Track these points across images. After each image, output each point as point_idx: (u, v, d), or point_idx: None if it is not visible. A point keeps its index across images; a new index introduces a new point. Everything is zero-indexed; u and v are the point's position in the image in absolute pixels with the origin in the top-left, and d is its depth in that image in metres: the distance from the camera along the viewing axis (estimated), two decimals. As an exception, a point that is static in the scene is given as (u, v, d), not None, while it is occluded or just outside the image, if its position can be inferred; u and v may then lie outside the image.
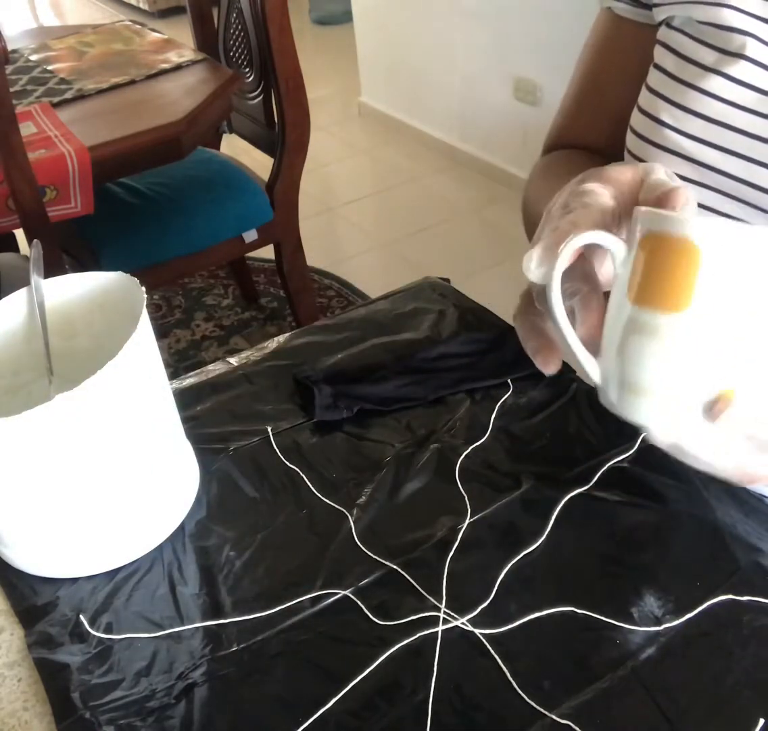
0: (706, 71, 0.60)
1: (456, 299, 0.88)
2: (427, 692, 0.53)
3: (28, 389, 0.67)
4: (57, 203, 1.44)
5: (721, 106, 0.59)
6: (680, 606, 0.56)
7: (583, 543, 0.62)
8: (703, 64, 0.60)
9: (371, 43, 3.19)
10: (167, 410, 0.65)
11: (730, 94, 0.59)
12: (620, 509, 0.64)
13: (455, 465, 0.69)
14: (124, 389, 0.57)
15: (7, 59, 1.23)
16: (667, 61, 0.63)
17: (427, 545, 0.63)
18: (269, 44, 1.62)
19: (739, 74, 0.58)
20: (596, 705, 0.52)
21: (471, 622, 0.57)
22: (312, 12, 4.37)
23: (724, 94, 0.59)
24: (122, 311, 0.64)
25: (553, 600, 0.57)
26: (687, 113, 0.61)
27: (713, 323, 0.38)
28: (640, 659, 0.54)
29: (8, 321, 0.65)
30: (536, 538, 0.62)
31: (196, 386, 0.80)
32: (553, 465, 0.68)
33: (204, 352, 2.18)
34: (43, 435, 0.55)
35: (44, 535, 0.62)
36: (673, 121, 0.62)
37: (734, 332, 0.38)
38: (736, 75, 0.58)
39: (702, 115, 0.60)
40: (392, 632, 0.57)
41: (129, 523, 0.63)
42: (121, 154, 1.48)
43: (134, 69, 1.74)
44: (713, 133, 0.59)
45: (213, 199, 1.76)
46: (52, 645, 0.58)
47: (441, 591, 0.59)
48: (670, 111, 0.62)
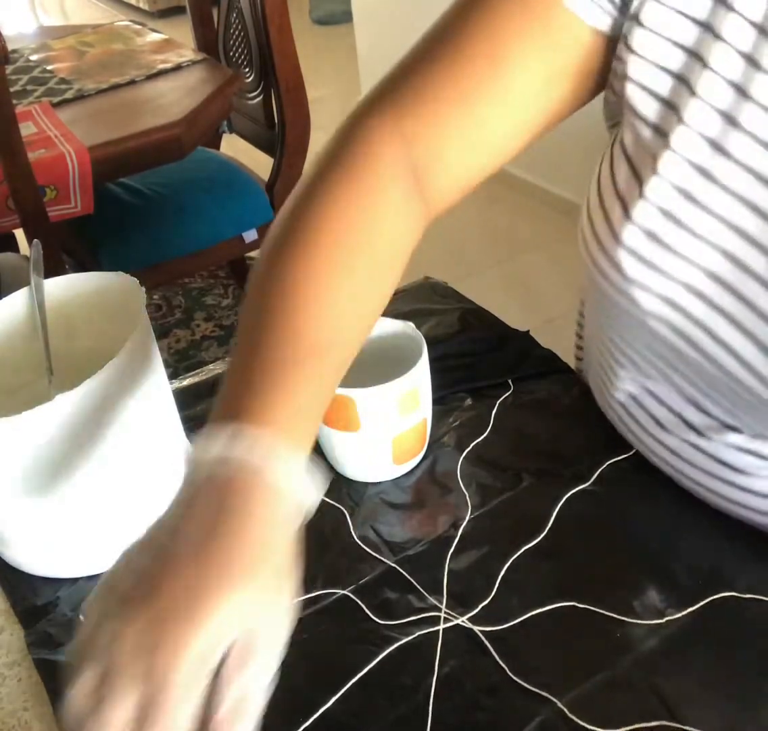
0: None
1: (456, 299, 0.88)
2: (427, 691, 0.53)
3: (28, 389, 0.67)
4: (57, 203, 1.44)
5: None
6: (683, 600, 0.56)
7: (583, 540, 0.62)
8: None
9: (371, 43, 3.18)
10: (167, 410, 0.65)
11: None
12: (620, 506, 0.64)
13: (456, 463, 0.69)
14: (124, 389, 0.57)
15: (7, 59, 1.23)
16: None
17: (427, 542, 0.63)
18: (269, 44, 1.62)
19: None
20: (598, 697, 0.52)
21: (472, 620, 0.57)
22: (312, 12, 4.38)
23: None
24: (122, 311, 0.63)
25: (555, 596, 0.57)
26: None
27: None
28: (641, 651, 0.54)
29: (8, 321, 0.65)
30: (537, 535, 0.62)
31: (196, 386, 0.80)
32: (553, 463, 0.68)
33: (204, 352, 2.18)
34: (43, 435, 0.55)
35: (44, 535, 0.62)
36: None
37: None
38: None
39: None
40: (393, 631, 0.57)
41: (129, 523, 0.63)
42: (121, 154, 1.48)
43: (134, 69, 1.74)
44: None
45: (213, 199, 1.76)
46: (52, 645, 0.58)
47: (441, 589, 0.59)
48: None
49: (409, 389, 0.63)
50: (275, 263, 0.49)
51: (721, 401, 0.56)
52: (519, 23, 0.51)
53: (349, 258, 0.50)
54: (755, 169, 0.47)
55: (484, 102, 0.53)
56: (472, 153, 0.55)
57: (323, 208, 0.50)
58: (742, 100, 0.47)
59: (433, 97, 0.53)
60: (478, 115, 0.53)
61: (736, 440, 0.56)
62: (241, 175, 1.83)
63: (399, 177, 0.53)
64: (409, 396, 0.64)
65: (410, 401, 0.64)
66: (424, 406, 0.67)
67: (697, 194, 0.49)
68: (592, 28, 0.51)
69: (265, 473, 0.41)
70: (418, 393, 0.65)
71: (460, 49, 0.53)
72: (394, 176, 0.53)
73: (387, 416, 0.64)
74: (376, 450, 0.66)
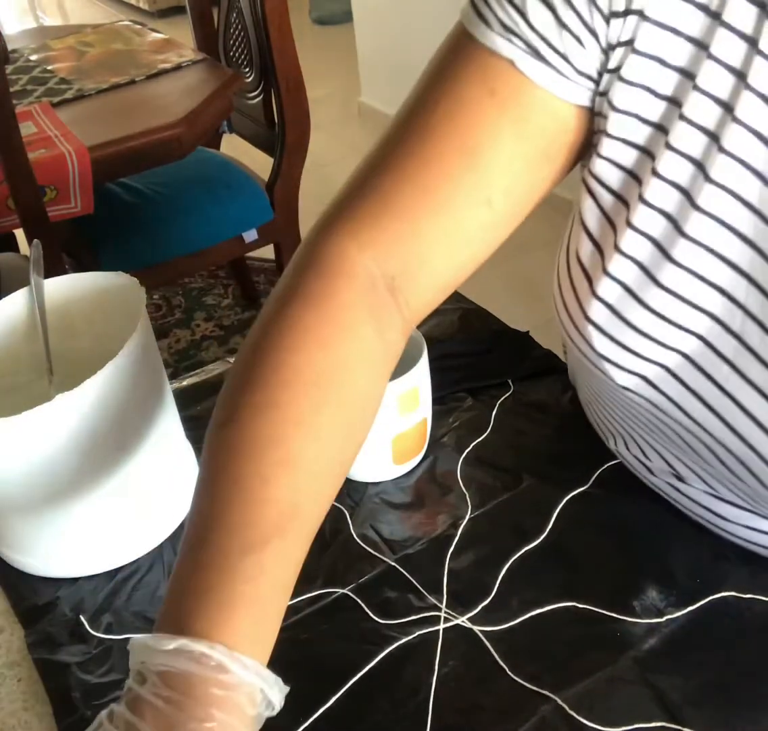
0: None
1: (456, 299, 0.88)
2: (427, 690, 0.53)
3: (28, 389, 0.67)
4: (57, 203, 1.44)
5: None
6: (682, 600, 0.56)
7: (583, 540, 0.62)
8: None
9: (371, 43, 3.18)
10: (167, 410, 0.65)
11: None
12: (621, 507, 0.64)
13: (456, 463, 0.69)
14: (124, 389, 0.57)
15: (7, 59, 1.23)
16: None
17: (427, 541, 0.63)
18: (269, 44, 1.62)
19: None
20: (597, 695, 0.52)
21: (472, 620, 0.57)
22: (312, 12, 4.37)
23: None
24: (122, 311, 0.64)
25: (555, 596, 0.58)
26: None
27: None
28: (641, 649, 0.54)
29: (8, 321, 0.65)
30: (537, 535, 0.62)
31: (196, 386, 0.80)
32: (553, 463, 0.68)
33: (204, 352, 2.18)
34: (43, 435, 0.55)
35: (44, 535, 0.62)
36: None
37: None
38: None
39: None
40: (393, 630, 0.57)
41: (129, 523, 0.63)
42: (121, 154, 1.48)
43: (134, 69, 1.74)
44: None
45: (213, 199, 1.76)
46: (52, 645, 0.58)
47: (441, 589, 0.59)
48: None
49: (409, 388, 0.63)
50: (234, 424, 0.43)
51: (698, 462, 0.56)
52: (489, 110, 0.46)
53: (316, 418, 0.44)
54: (717, 250, 0.45)
55: (460, 200, 0.48)
56: (454, 255, 0.50)
57: (286, 355, 0.44)
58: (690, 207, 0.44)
59: (404, 205, 0.48)
60: (455, 215, 0.48)
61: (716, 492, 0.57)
62: (241, 175, 1.83)
63: (371, 303, 0.47)
64: (409, 396, 0.64)
65: (410, 401, 0.64)
66: (424, 406, 0.67)
67: (658, 273, 0.47)
68: (570, 103, 0.47)
69: (221, 676, 0.37)
70: (418, 393, 0.65)
71: (427, 147, 0.47)
72: (366, 304, 0.47)
73: (387, 416, 0.64)
74: (376, 450, 0.66)
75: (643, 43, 0.43)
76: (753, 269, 0.44)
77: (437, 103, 0.47)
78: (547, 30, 0.44)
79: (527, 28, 0.45)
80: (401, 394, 0.63)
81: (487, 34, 0.46)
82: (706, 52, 0.42)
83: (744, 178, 0.43)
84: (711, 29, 0.41)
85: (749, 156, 0.42)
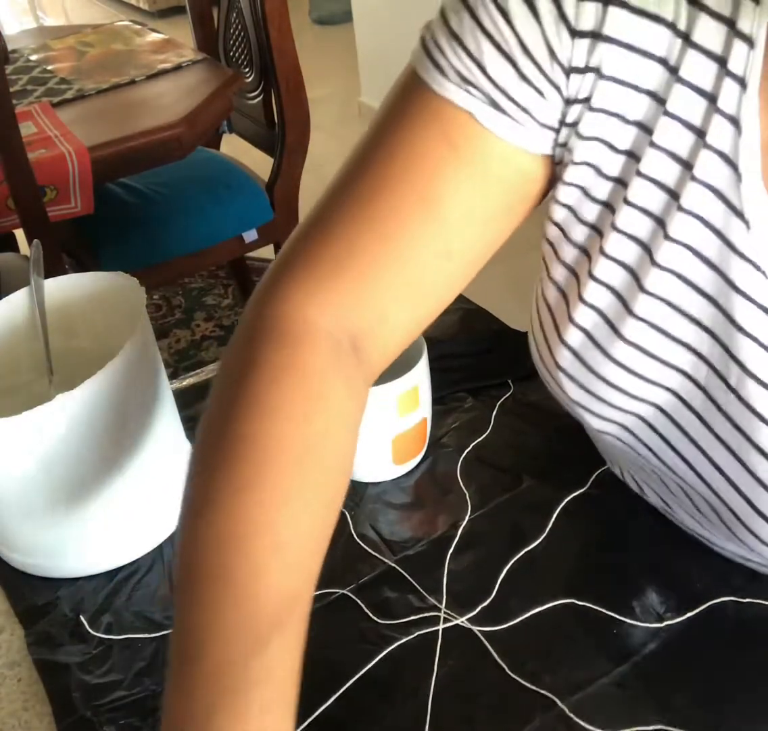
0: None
1: (456, 299, 0.88)
2: (427, 691, 0.53)
3: (28, 389, 0.67)
4: (57, 203, 1.44)
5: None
6: (682, 604, 0.56)
7: (583, 542, 0.62)
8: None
9: (371, 43, 3.18)
10: (167, 410, 0.65)
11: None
12: (621, 509, 0.64)
13: (456, 463, 0.69)
14: (124, 389, 0.57)
15: (7, 59, 1.23)
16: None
17: (427, 542, 0.63)
18: (269, 44, 1.62)
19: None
20: (597, 699, 0.52)
21: (471, 621, 0.57)
22: (312, 12, 4.37)
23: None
24: (122, 311, 0.64)
25: (554, 597, 0.57)
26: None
27: None
28: (642, 654, 0.54)
29: (8, 321, 0.65)
30: (537, 536, 0.62)
31: (196, 386, 0.80)
32: (553, 464, 0.68)
33: (204, 352, 2.18)
34: (43, 435, 0.55)
35: (45, 535, 0.62)
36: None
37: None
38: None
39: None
40: (392, 630, 0.57)
41: (129, 523, 0.63)
42: (121, 154, 1.48)
43: (134, 69, 1.74)
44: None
45: (213, 199, 1.76)
46: (52, 645, 0.58)
47: (441, 589, 0.59)
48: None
49: (408, 389, 0.63)
50: (212, 511, 0.39)
51: (679, 502, 0.56)
52: (448, 161, 0.44)
53: (301, 494, 0.41)
54: (678, 305, 0.45)
55: (420, 250, 0.45)
56: (415, 308, 0.48)
57: (259, 436, 0.41)
58: (659, 233, 0.44)
59: (362, 258, 0.45)
60: (415, 266, 0.46)
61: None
62: (241, 175, 1.83)
63: (338, 366, 0.44)
64: (408, 396, 0.64)
65: (410, 401, 0.64)
66: (424, 406, 0.67)
67: (621, 326, 0.46)
68: (531, 153, 0.45)
69: None
70: (418, 393, 0.65)
71: (384, 197, 0.45)
72: (334, 368, 0.44)
73: (387, 416, 0.64)
74: (376, 450, 0.66)
75: (600, 101, 0.42)
76: (715, 325, 0.44)
77: (394, 154, 0.45)
78: (507, 82, 0.42)
79: (485, 80, 0.42)
80: (401, 394, 0.63)
81: (444, 85, 0.43)
82: (663, 108, 0.41)
83: (703, 235, 0.42)
84: (669, 85, 0.40)
85: (708, 214, 0.42)
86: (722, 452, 0.48)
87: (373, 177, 0.45)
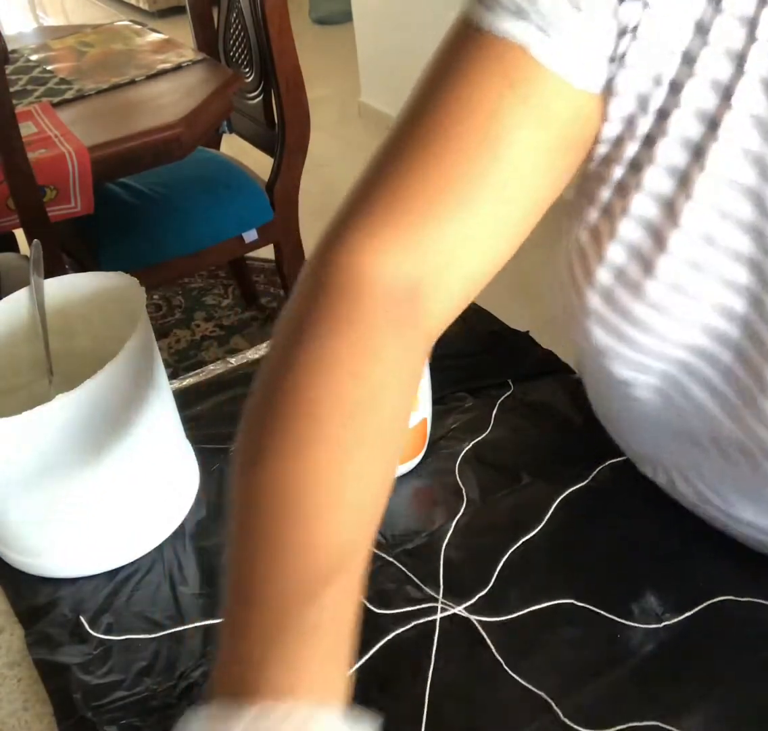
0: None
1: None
2: (424, 681, 0.53)
3: (28, 389, 0.67)
4: (57, 203, 1.44)
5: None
6: (680, 604, 0.56)
7: (581, 539, 0.62)
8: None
9: (371, 43, 3.18)
10: (167, 410, 0.65)
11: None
12: (619, 507, 0.64)
13: (455, 462, 0.69)
14: (124, 389, 0.57)
15: (7, 59, 1.23)
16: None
17: (425, 536, 0.63)
18: (269, 44, 1.62)
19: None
20: (592, 699, 0.52)
21: (468, 610, 0.57)
22: (312, 12, 4.37)
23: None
24: (122, 311, 0.64)
25: (551, 592, 0.58)
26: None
27: None
28: (639, 655, 0.54)
29: (8, 321, 0.65)
30: (535, 528, 0.62)
31: (196, 386, 0.80)
32: (553, 463, 0.68)
33: (204, 352, 2.18)
34: (43, 435, 0.55)
35: (44, 535, 0.62)
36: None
37: None
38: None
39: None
40: (390, 620, 0.57)
41: (129, 523, 0.63)
42: (121, 154, 1.48)
43: (134, 69, 1.74)
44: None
45: (213, 199, 1.76)
46: (52, 646, 0.58)
47: (438, 581, 0.59)
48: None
49: None
50: (267, 464, 0.40)
51: (713, 457, 0.55)
52: (508, 98, 0.44)
53: (357, 453, 0.41)
54: (711, 237, 0.44)
55: (485, 192, 0.45)
56: (481, 252, 0.47)
57: (318, 388, 0.41)
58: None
59: (425, 201, 0.45)
60: (481, 208, 0.45)
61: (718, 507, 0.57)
62: (241, 176, 1.83)
63: (395, 322, 0.44)
64: None
65: None
66: (424, 406, 0.67)
67: (654, 264, 0.47)
68: (586, 90, 0.45)
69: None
70: (418, 393, 0.65)
71: (445, 139, 0.45)
72: (391, 324, 0.44)
73: None
74: None
75: (646, 30, 0.43)
76: (754, 257, 0.44)
77: (451, 97, 0.45)
78: (560, 12, 0.43)
79: (537, 12, 0.43)
80: None
81: (496, 22, 0.44)
82: (706, 37, 0.42)
83: (741, 165, 0.43)
84: (712, 15, 0.42)
85: (746, 142, 0.42)
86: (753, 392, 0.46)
87: (431, 121, 0.45)
